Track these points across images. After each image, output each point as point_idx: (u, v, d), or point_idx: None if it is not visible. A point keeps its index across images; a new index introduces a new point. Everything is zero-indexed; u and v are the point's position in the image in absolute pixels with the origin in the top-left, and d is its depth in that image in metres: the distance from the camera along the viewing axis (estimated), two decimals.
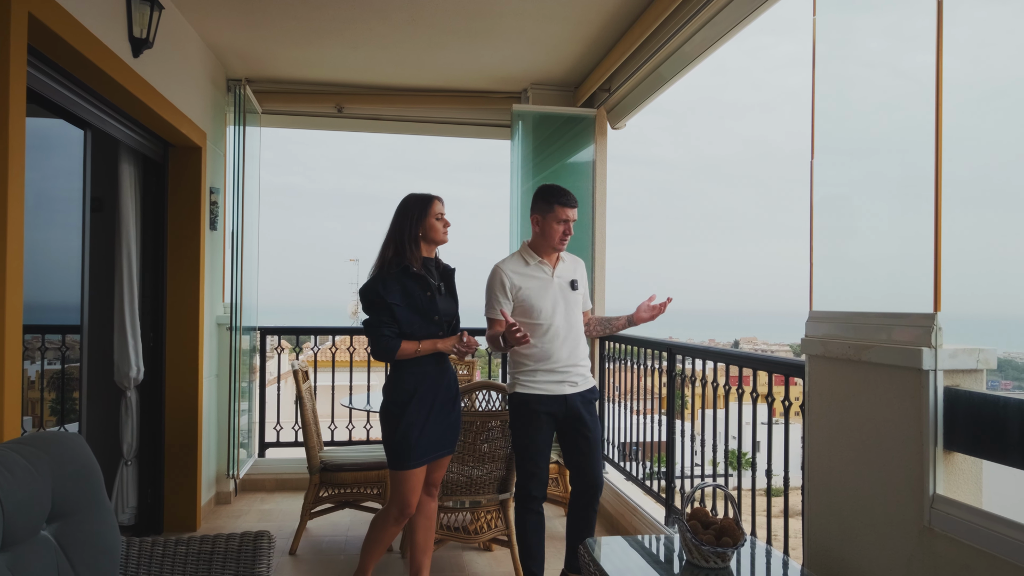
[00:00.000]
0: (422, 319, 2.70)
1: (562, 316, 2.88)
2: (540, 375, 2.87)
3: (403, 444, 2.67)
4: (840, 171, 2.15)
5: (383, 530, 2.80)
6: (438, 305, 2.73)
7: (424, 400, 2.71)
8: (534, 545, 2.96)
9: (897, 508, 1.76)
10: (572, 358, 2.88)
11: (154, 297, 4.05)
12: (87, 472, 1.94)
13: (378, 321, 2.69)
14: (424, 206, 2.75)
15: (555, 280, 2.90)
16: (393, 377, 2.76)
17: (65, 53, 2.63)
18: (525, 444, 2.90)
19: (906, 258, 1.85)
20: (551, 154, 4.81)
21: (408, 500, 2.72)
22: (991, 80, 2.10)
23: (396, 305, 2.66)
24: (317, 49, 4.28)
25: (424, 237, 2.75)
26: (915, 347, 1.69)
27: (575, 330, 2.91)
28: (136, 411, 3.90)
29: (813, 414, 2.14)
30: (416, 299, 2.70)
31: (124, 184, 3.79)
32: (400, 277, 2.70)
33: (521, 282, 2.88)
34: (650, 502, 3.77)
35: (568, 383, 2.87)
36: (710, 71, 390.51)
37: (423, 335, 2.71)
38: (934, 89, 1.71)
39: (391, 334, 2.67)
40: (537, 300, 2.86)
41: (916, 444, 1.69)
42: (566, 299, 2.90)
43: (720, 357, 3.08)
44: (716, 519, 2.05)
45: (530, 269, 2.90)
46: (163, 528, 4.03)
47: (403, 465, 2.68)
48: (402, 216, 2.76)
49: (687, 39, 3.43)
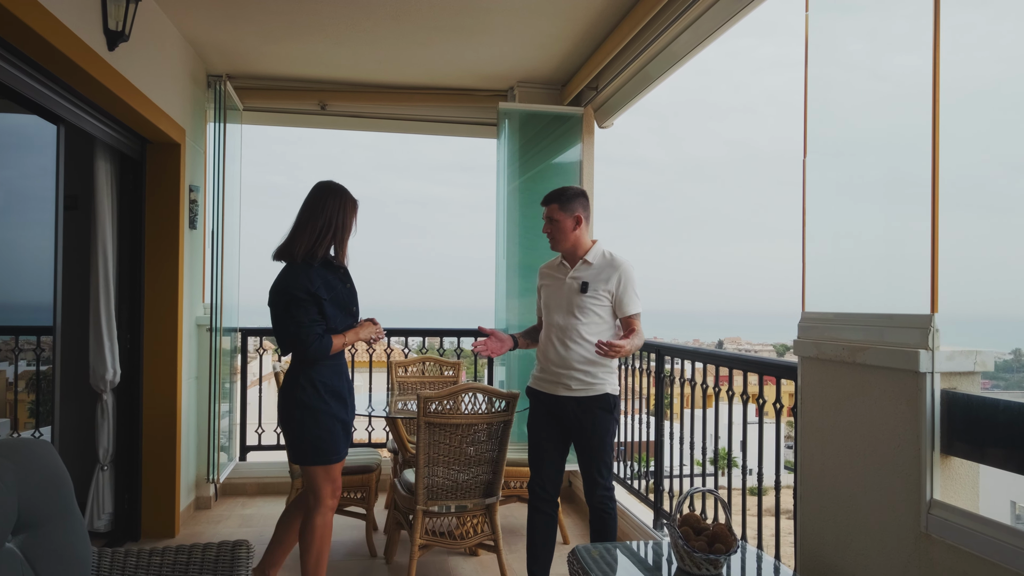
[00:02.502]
0: (342, 312, 2.69)
1: (562, 316, 2.83)
2: (539, 371, 2.92)
3: (329, 437, 2.65)
4: (833, 171, 2.12)
5: (324, 532, 2.76)
6: (356, 299, 2.76)
7: (341, 393, 2.70)
8: (539, 546, 2.90)
9: (893, 513, 1.73)
10: (565, 360, 2.80)
11: (131, 298, 3.95)
12: (56, 481, 1.86)
13: (307, 319, 2.57)
14: (349, 202, 2.72)
15: (567, 281, 2.87)
16: (309, 372, 2.64)
17: (35, 45, 2.54)
18: (530, 439, 2.93)
19: (902, 258, 1.82)
20: (537, 153, 4.76)
21: (337, 487, 2.75)
22: (978, 81, 2.08)
23: (325, 300, 2.60)
24: (300, 45, 4.19)
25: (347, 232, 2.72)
26: (911, 349, 1.66)
27: (572, 333, 2.79)
28: (112, 414, 3.81)
29: (806, 416, 2.10)
30: (338, 292, 2.67)
31: (100, 181, 3.70)
32: (322, 271, 2.64)
33: (545, 279, 2.98)
34: (638, 504, 3.73)
35: (561, 385, 2.82)
36: (694, 72, 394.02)
37: (343, 328, 2.69)
38: (931, 90, 1.68)
39: (322, 331, 2.60)
40: (547, 298, 2.92)
41: (913, 448, 1.66)
42: (571, 301, 2.82)
43: (709, 359, 3.05)
44: (708, 525, 2.01)
45: (555, 269, 2.95)
46: (140, 535, 3.93)
47: (330, 459, 2.66)
48: (336, 206, 2.68)
49: (674, 38, 3.41)
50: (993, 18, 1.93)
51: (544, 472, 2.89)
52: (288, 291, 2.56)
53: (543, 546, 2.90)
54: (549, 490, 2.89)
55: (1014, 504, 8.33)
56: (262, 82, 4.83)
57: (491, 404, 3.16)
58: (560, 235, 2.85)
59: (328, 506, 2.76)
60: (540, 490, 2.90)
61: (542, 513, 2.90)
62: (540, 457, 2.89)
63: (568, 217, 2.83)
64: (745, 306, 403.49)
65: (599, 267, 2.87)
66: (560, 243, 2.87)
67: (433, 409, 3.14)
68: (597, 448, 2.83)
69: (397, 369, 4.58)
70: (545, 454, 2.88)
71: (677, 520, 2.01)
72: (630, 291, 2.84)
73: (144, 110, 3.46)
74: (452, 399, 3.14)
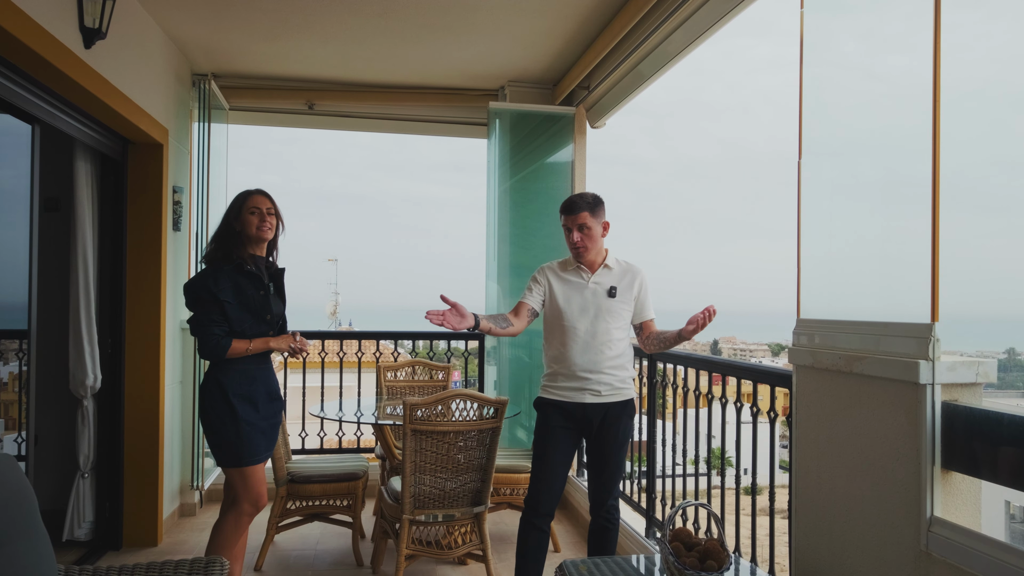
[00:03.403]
0: (253, 318, 2.69)
1: (588, 321, 2.74)
2: (560, 379, 2.77)
3: (236, 440, 2.66)
4: (829, 171, 2.06)
5: (230, 536, 2.75)
6: (270, 305, 2.72)
7: (253, 398, 2.70)
8: (530, 563, 2.77)
9: (891, 530, 1.66)
10: (593, 365, 2.71)
11: (112, 301, 3.86)
12: (18, 497, 1.78)
13: (207, 319, 2.62)
14: (240, 201, 2.74)
15: (590, 285, 2.78)
16: (217, 376, 2.67)
17: (5, 42, 2.45)
18: (539, 452, 2.78)
19: (900, 262, 1.76)
20: (529, 153, 4.69)
21: (260, 491, 2.74)
22: (972, 82, 2.03)
23: (228, 303, 2.62)
24: (286, 43, 4.11)
25: (242, 233, 2.72)
26: (911, 359, 1.59)
27: (602, 337, 2.73)
28: (93, 420, 3.72)
29: (801, 427, 2.03)
30: (249, 297, 2.67)
31: (80, 183, 3.61)
32: (232, 274, 2.67)
33: (556, 282, 2.83)
34: (630, 512, 3.65)
35: (589, 391, 2.71)
36: (688, 72, 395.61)
37: (254, 334, 2.69)
38: (931, 89, 1.61)
39: (221, 333, 2.63)
40: (564, 302, 2.79)
41: (912, 462, 1.59)
42: (599, 305, 2.75)
43: (702, 364, 2.98)
44: (700, 540, 1.94)
45: (568, 273, 2.84)
46: (122, 543, 3.85)
47: (240, 462, 2.67)
48: (229, 209, 2.76)
49: (666, 37, 3.35)
50: (985, 18, 1.88)
51: (553, 488, 2.75)
52: (192, 290, 2.65)
53: (534, 562, 2.77)
54: (550, 507, 2.76)
55: (1008, 503, 8.28)
56: (248, 81, 4.75)
57: (480, 411, 3.09)
58: (592, 243, 2.76)
59: (243, 511, 2.75)
60: (541, 507, 2.75)
61: (538, 530, 2.76)
62: (549, 472, 2.74)
63: (598, 224, 2.77)
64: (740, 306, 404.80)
65: (619, 272, 2.83)
66: (591, 251, 2.78)
67: (420, 416, 3.07)
68: (619, 457, 2.76)
69: (386, 373, 4.50)
70: (556, 468, 2.74)
71: (668, 535, 1.94)
72: (649, 296, 2.87)
73: (124, 110, 3.37)
74: (441, 405, 3.07)
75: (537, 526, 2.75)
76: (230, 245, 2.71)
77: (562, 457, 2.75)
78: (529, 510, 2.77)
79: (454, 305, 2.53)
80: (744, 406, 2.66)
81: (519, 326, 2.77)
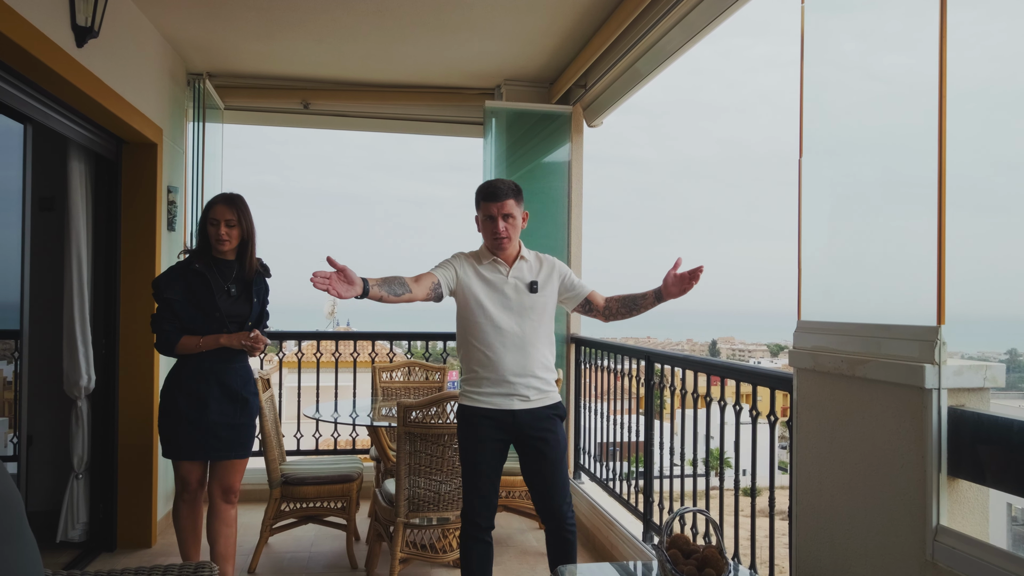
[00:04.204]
0: (204, 316, 2.80)
1: (514, 320, 2.55)
2: (485, 385, 2.56)
3: (169, 433, 2.81)
4: (830, 171, 2.02)
5: (177, 521, 2.98)
6: (217, 303, 2.79)
7: (202, 395, 2.78)
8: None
9: (896, 539, 1.62)
10: (522, 367, 2.54)
11: (106, 302, 3.83)
12: (4, 502, 1.74)
13: (159, 316, 2.81)
14: (205, 210, 2.87)
15: (510, 280, 2.58)
16: (172, 370, 2.87)
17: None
18: (469, 462, 2.59)
19: (905, 266, 1.72)
20: (526, 152, 4.66)
21: (185, 484, 2.89)
22: (971, 80, 2.00)
23: (175, 300, 2.78)
24: (281, 42, 4.08)
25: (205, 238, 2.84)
26: (916, 363, 1.56)
27: (530, 337, 2.56)
28: (87, 421, 3.68)
29: (802, 432, 2.00)
30: (198, 296, 2.79)
31: (73, 183, 3.57)
32: (184, 273, 2.82)
33: (474, 276, 2.59)
34: (627, 516, 3.62)
35: (517, 396, 2.53)
36: (686, 71, 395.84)
37: (206, 331, 2.80)
38: (936, 88, 1.58)
39: (170, 328, 2.78)
40: (486, 299, 2.56)
41: (917, 469, 1.56)
42: (522, 302, 2.57)
43: (701, 367, 2.94)
44: (698, 547, 1.91)
45: (483, 267, 2.60)
46: (116, 545, 3.81)
47: (166, 451, 2.85)
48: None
49: (663, 34, 3.32)
50: (984, 17, 1.85)
51: (488, 500, 2.58)
52: (153, 288, 2.85)
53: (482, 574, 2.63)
54: (491, 519, 2.61)
55: (1010, 506, 8.25)
56: (244, 80, 4.71)
57: None
58: (515, 233, 2.58)
59: (179, 495, 2.93)
60: (481, 520, 2.58)
61: (482, 542, 2.61)
62: (482, 484, 2.57)
63: (520, 213, 2.59)
64: (739, 306, 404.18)
65: (533, 264, 2.66)
66: (513, 242, 2.59)
67: (413, 418, 3.04)
68: (561, 463, 2.60)
69: (381, 374, 4.46)
70: (488, 480, 2.58)
71: (665, 542, 1.90)
72: (572, 274, 2.74)
73: (117, 109, 3.34)
74: (436, 406, 3.04)
75: (481, 539, 2.61)
76: (200, 247, 2.86)
77: (495, 466, 2.59)
78: (469, 525, 2.61)
79: (342, 269, 2.21)
80: (743, 408, 2.63)
81: (418, 294, 2.44)
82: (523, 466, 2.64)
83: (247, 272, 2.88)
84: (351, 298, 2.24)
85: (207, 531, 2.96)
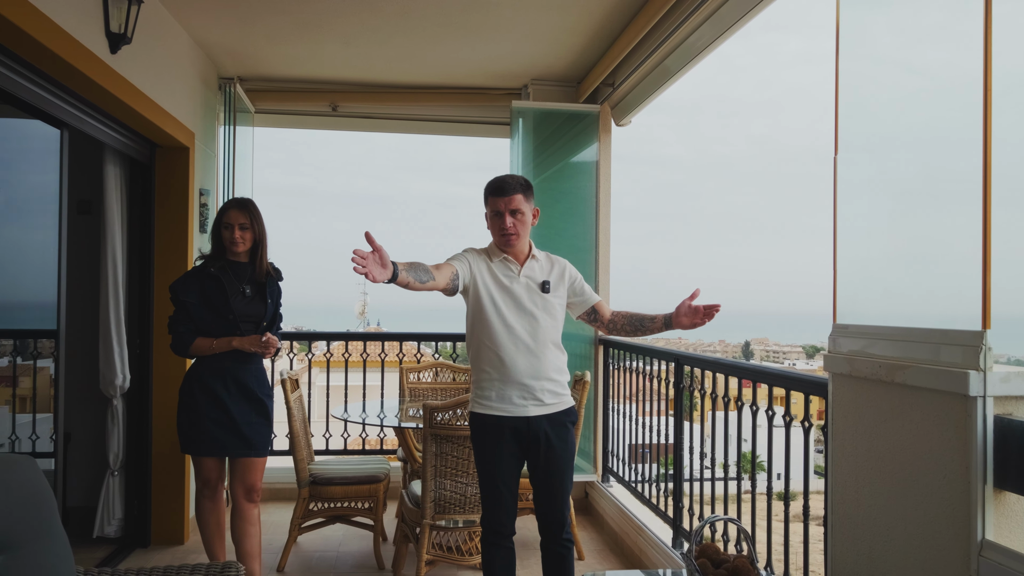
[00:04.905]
0: (218, 318, 2.86)
1: (527, 320, 2.46)
2: (497, 388, 2.45)
3: (189, 429, 2.86)
4: (867, 168, 1.96)
5: (199, 516, 3.00)
6: (231, 305, 2.85)
7: (218, 394, 2.84)
8: None
9: (938, 553, 1.56)
10: (536, 370, 2.44)
11: (141, 302, 3.90)
12: (37, 499, 1.77)
13: (175, 318, 2.88)
14: (219, 214, 2.93)
15: (521, 279, 2.49)
16: (191, 368, 2.94)
17: (32, 49, 2.46)
18: (486, 470, 2.49)
19: (946, 267, 1.65)
20: (553, 153, 4.62)
21: (204, 480, 2.95)
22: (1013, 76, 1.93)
23: (191, 303, 2.84)
24: (309, 45, 4.10)
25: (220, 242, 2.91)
26: (960, 369, 1.49)
27: (543, 338, 2.47)
28: (122, 420, 3.75)
29: (837, 439, 1.94)
30: (212, 298, 2.85)
31: (109, 186, 3.65)
32: (199, 276, 2.88)
33: (486, 273, 2.48)
34: (657, 521, 3.56)
35: (532, 400, 2.44)
36: (717, 68, 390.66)
37: (220, 333, 2.86)
38: (982, 80, 1.51)
39: (185, 330, 2.85)
40: (500, 298, 2.46)
41: (961, 481, 1.49)
42: (534, 302, 2.48)
43: (731, 370, 2.87)
44: (728, 556, 1.86)
45: (496, 265, 2.50)
46: (150, 541, 3.87)
47: (186, 448, 2.90)
48: None
49: (693, 30, 3.25)
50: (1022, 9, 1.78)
51: (508, 507, 2.49)
52: (169, 289, 2.92)
53: None
54: (512, 526, 2.53)
55: None
56: (273, 84, 4.76)
57: None
58: (524, 230, 2.47)
59: (200, 491, 2.97)
60: (501, 527, 2.50)
61: (503, 548, 2.53)
62: (500, 492, 2.47)
63: (530, 209, 2.49)
64: (772, 306, 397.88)
65: (545, 263, 2.56)
66: (522, 239, 2.48)
67: (439, 419, 3.03)
68: (567, 473, 2.51)
69: (409, 375, 4.46)
70: (506, 487, 2.48)
71: (694, 550, 1.86)
72: (582, 279, 2.65)
73: (150, 114, 3.39)
74: (462, 408, 3.02)
75: (502, 545, 2.53)
76: (214, 250, 2.94)
77: (512, 472, 2.49)
78: (490, 533, 2.52)
79: (378, 249, 2.04)
80: (776, 413, 2.56)
81: (440, 282, 2.33)
82: (530, 470, 2.56)
83: (259, 273, 2.94)
84: (382, 282, 2.08)
85: (232, 531, 3.00)
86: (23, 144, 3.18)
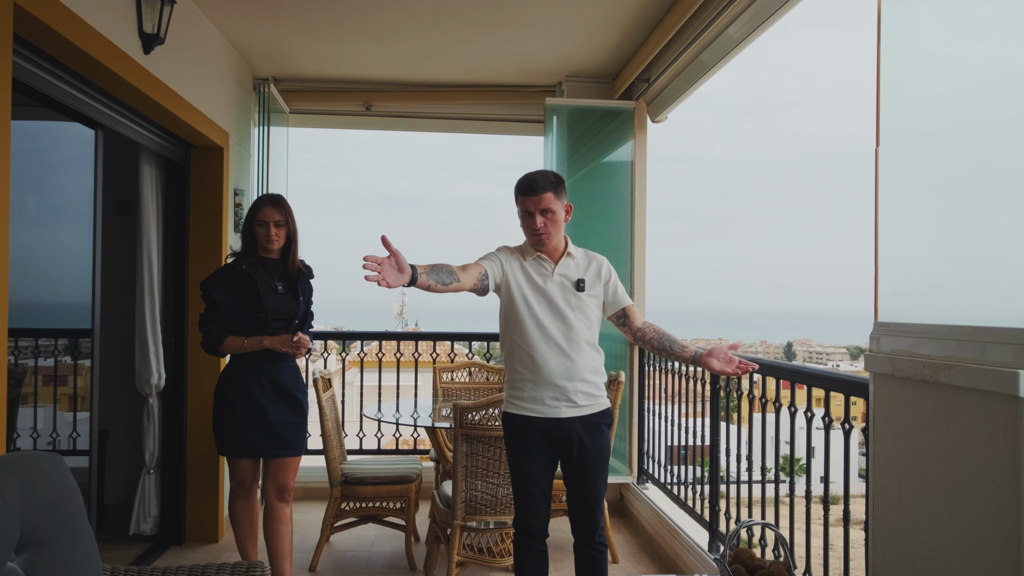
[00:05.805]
0: (249, 316, 2.83)
1: (560, 320, 2.41)
2: (530, 388, 2.41)
3: (225, 430, 2.86)
4: (910, 164, 1.87)
5: (232, 515, 3.03)
6: (263, 303, 2.83)
7: (253, 394, 2.83)
8: None
9: (986, 562, 1.46)
10: (569, 371, 2.39)
11: (176, 302, 3.95)
12: (64, 497, 1.78)
13: (205, 316, 2.87)
14: (251, 211, 2.90)
15: (555, 278, 2.43)
16: (226, 369, 2.93)
17: (67, 50, 2.51)
18: (519, 471, 2.46)
19: (995, 264, 1.56)
20: (588, 151, 4.56)
21: (239, 480, 2.95)
22: None
23: (222, 300, 2.83)
24: (342, 45, 4.12)
25: (253, 239, 2.88)
26: (1008, 369, 1.40)
27: (576, 338, 2.42)
28: (158, 418, 3.81)
29: (879, 442, 1.84)
30: (243, 296, 2.83)
31: (145, 187, 3.71)
32: (230, 274, 2.87)
33: (519, 272, 2.44)
34: (692, 524, 3.47)
35: (566, 402, 2.39)
36: (757, 65, 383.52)
37: (251, 332, 2.84)
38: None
39: (216, 328, 2.84)
40: (532, 297, 2.42)
41: (1011, 486, 1.40)
42: (568, 301, 2.42)
43: (769, 371, 2.78)
44: (764, 563, 1.78)
45: (529, 263, 2.46)
46: (185, 539, 3.93)
47: (221, 449, 2.91)
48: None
49: (730, 22, 3.16)
50: None
51: (540, 509, 2.45)
52: (200, 286, 2.91)
53: None
54: (545, 528, 2.49)
55: None
56: (307, 84, 4.80)
57: None
58: (555, 229, 2.40)
59: (234, 491, 2.99)
60: (533, 529, 2.46)
61: (536, 552, 2.49)
62: (532, 495, 2.43)
63: (561, 207, 2.41)
64: (816, 306, 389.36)
65: (582, 261, 2.49)
66: (554, 238, 2.42)
67: (470, 419, 2.99)
68: (600, 475, 2.45)
69: (442, 374, 4.45)
70: (539, 490, 2.44)
71: (728, 556, 1.79)
72: (618, 280, 2.54)
73: (184, 114, 3.43)
74: (494, 407, 2.98)
75: (535, 548, 2.49)
76: (246, 248, 2.92)
77: (545, 475, 2.45)
78: (522, 535, 2.48)
79: (394, 253, 2.00)
80: (815, 415, 2.46)
81: (465, 283, 2.29)
82: (563, 472, 2.50)
83: (291, 270, 2.93)
84: (399, 287, 2.04)
85: (264, 530, 3.01)
86: (63, 148, 3.25)
